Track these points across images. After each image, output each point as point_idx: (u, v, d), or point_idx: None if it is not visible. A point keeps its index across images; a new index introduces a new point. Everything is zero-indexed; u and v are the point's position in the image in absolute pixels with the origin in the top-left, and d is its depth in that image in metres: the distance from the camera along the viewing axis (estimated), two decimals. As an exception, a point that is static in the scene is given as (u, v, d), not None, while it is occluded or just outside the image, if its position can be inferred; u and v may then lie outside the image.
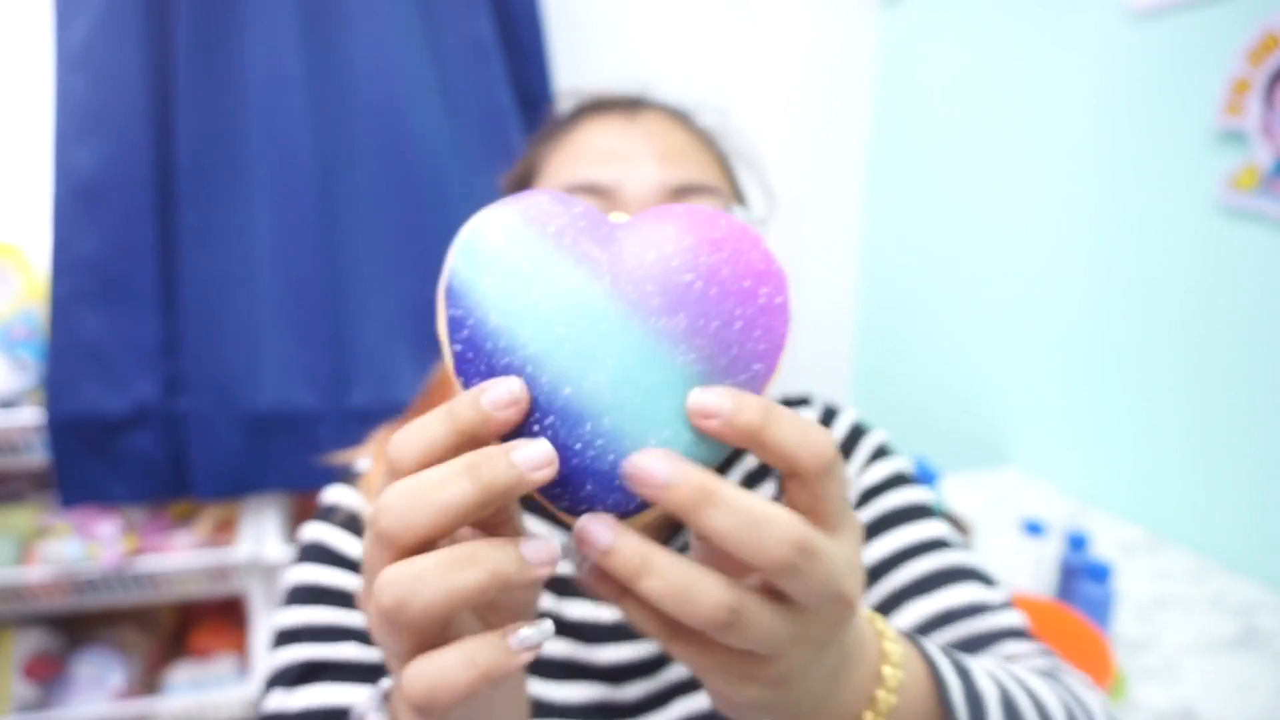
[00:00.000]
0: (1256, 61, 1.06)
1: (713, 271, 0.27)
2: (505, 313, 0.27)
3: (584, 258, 0.27)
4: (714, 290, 0.27)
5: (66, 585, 1.49)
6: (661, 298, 0.27)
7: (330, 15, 1.49)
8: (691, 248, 0.28)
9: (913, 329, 1.89)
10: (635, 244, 0.28)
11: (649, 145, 0.54)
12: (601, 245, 0.28)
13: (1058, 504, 1.40)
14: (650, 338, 0.26)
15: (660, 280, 0.27)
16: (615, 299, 0.27)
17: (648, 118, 0.57)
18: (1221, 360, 1.17)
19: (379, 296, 1.54)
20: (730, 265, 0.28)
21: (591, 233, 0.28)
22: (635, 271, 0.27)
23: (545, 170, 0.56)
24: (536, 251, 0.27)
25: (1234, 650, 0.99)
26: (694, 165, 0.55)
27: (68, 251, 1.40)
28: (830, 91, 1.96)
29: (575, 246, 0.27)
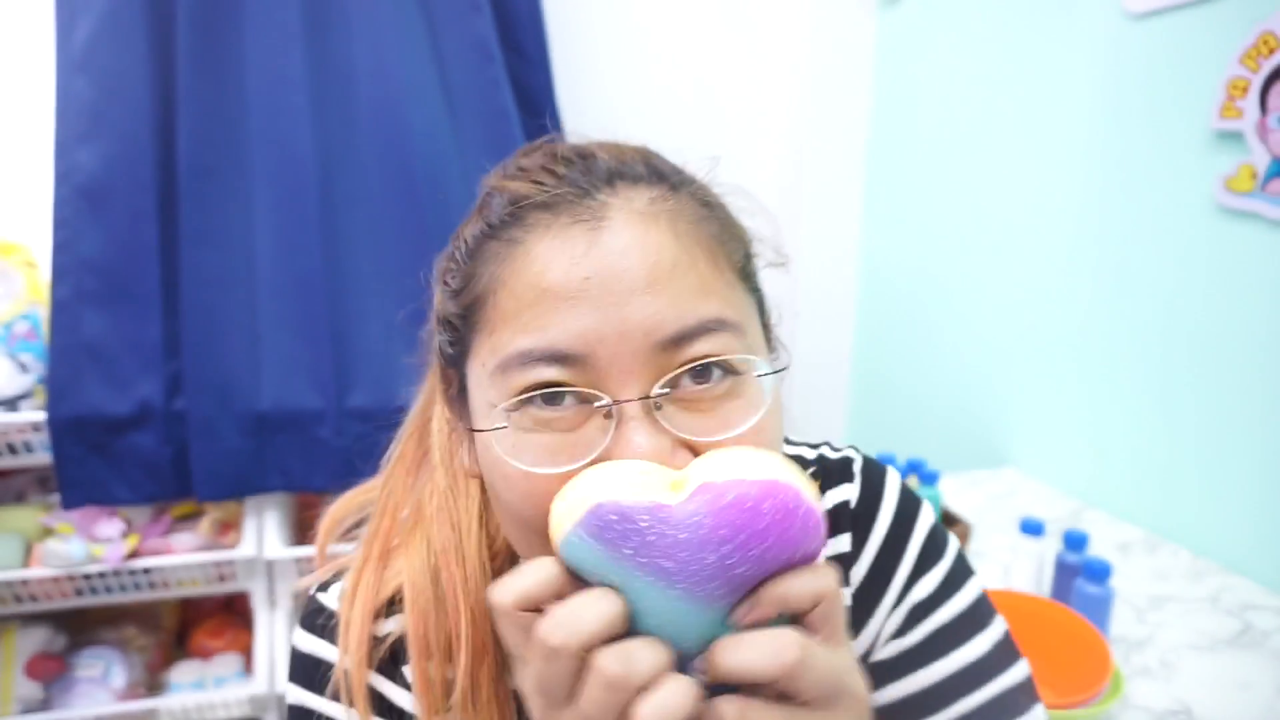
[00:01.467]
0: (1253, 63, 1.06)
1: (760, 558, 0.34)
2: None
3: (659, 571, 0.34)
4: (762, 570, 0.35)
5: (69, 585, 1.50)
6: (723, 588, 0.34)
7: (331, 17, 1.50)
8: (742, 544, 0.34)
9: (912, 329, 1.90)
10: (696, 542, 0.34)
11: (624, 278, 0.39)
12: (667, 551, 0.34)
13: (1056, 504, 1.41)
14: (715, 611, 0.35)
15: (720, 576, 0.34)
16: (687, 599, 0.34)
17: (616, 221, 0.41)
18: (1219, 360, 1.17)
19: (379, 296, 1.54)
20: (775, 549, 0.34)
21: (659, 544, 0.34)
22: (700, 575, 0.34)
23: (494, 308, 0.42)
24: (622, 572, 0.34)
25: (1231, 650, 0.99)
26: (688, 292, 0.40)
27: (70, 252, 1.41)
28: (829, 91, 1.96)
29: (650, 564, 0.34)
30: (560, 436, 0.40)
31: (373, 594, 0.52)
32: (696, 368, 0.40)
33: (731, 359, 0.41)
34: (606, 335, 0.39)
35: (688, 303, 0.40)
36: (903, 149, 1.89)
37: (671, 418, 0.39)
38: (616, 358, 0.39)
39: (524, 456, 0.40)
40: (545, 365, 0.40)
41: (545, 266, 0.40)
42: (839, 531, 0.55)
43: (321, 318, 1.51)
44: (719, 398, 0.41)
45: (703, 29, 1.88)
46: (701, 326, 0.40)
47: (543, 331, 0.40)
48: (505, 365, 0.40)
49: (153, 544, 1.54)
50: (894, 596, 0.55)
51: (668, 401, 0.40)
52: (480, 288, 0.43)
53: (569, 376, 0.39)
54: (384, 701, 0.52)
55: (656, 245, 0.41)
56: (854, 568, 0.55)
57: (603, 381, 0.39)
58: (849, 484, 0.57)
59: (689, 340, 0.40)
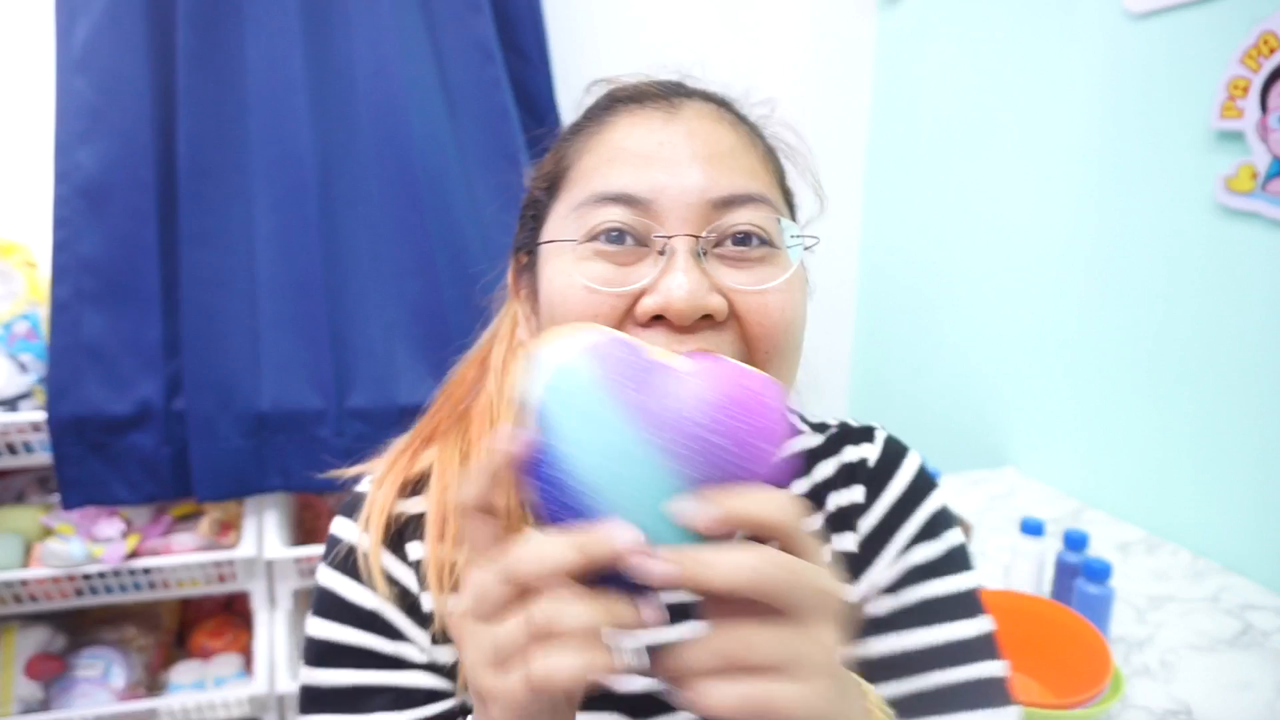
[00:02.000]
0: (1253, 62, 1.06)
1: (736, 436, 0.35)
2: (579, 447, 0.35)
3: (642, 411, 0.35)
4: (734, 453, 0.35)
5: (69, 585, 1.50)
6: (695, 455, 0.34)
7: (331, 17, 1.50)
8: (726, 415, 0.35)
9: (912, 328, 1.90)
10: (680, 401, 0.35)
11: (690, 147, 0.48)
12: (657, 399, 0.35)
13: (1056, 503, 1.41)
14: (678, 481, 0.34)
15: (697, 440, 0.34)
16: (660, 451, 0.34)
17: (688, 112, 0.50)
18: (1220, 360, 1.17)
19: (379, 296, 1.54)
20: (751, 435, 0.35)
21: (642, 381, 0.36)
22: (680, 429, 0.34)
23: (577, 171, 0.51)
24: (599, 398, 0.35)
25: (1231, 649, 0.99)
26: (740, 170, 0.49)
27: (70, 252, 1.41)
28: (829, 91, 1.96)
29: (639, 404, 0.35)
30: (616, 269, 0.46)
31: (401, 476, 0.57)
32: (739, 234, 0.47)
33: (769, 230, 0.48)
34: (669, 187, 0.47)
35: (740, 177, 0.48)
36: (902, 149, 1.89)
37: (713, 267, 0.46)
38: (675, 207, 0.46)
39: (586, 276, 0.46)
40: (615, 205, 0.47)
41: (626, 134, 0.50)
42: (854, 483, 0.59)
43: (321, 318, 1.51)
44: (756, 260, 0.48)
45: (703, 29, 1.88)
46: (748, 196, 0.48)
47: (618, 178, 0.48)
48: (583, 204, 0.48)
49: (153, 544, 1.54)
50: (895, 551, 0.58)
51: (713, 253, 0.47)
52: (568, 159, 0.52)
53: (632, 219, 0.47)
54: (391, 578, 0.55)
55: (719, 134, 0.50)
56: (863, 518, 0.58)
57: (661, 226, 0.46)
58: (870, 444, 0.62)
59: (737, 205, 0.47)
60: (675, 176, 0.47)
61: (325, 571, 0.56)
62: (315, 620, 0.55)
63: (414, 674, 0.53)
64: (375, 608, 0.54)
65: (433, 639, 0.53)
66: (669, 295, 0.44)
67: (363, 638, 0.53)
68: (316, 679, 0.53)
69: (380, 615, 0.54)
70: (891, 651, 0.56)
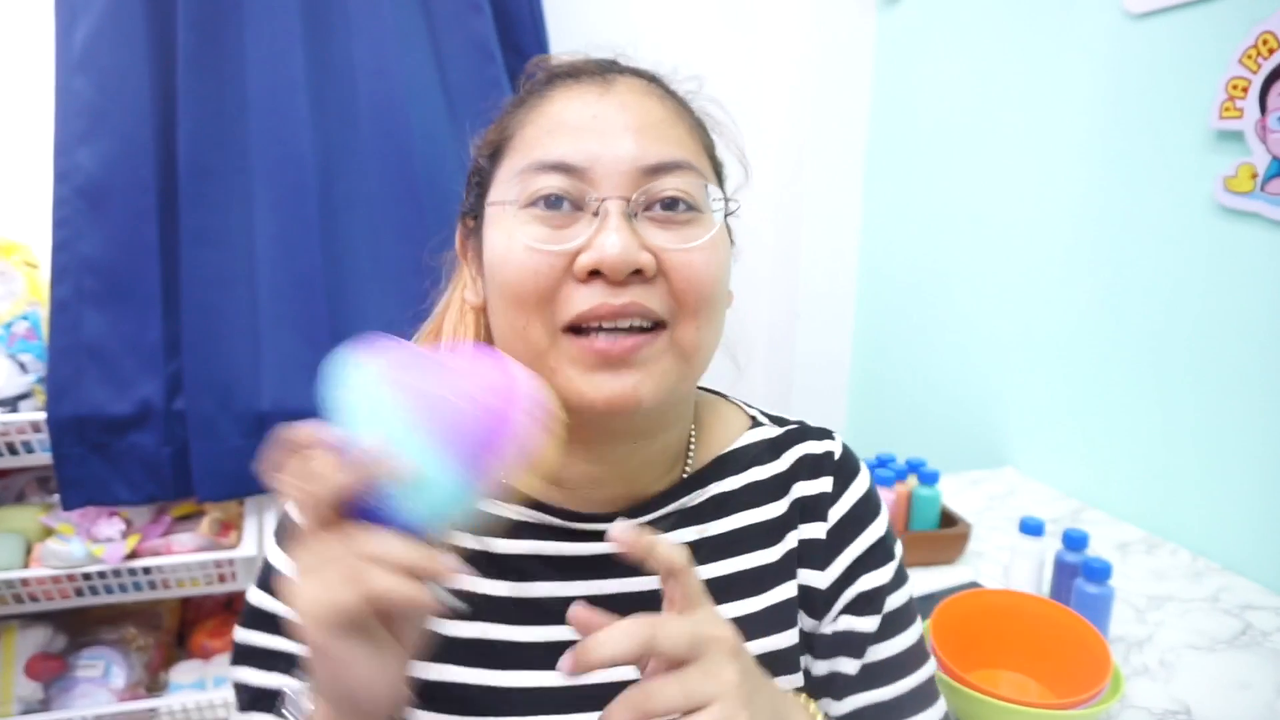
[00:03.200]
0: (1253, 63, 1.06)
1: (471, 397, 0.41)
2: (368, 427, 0.41)
3: (408, 390, 0.41)
4: (477, 412, 0.41)
5: (69, 585, 1.50)
6: (432, 414, 0.40)
7: (331, 17, 1.50)
8: (464, 381, 0.41)
9: (911, 328, 1.90)
10: (439, 384, 0.41)
11: (623, 119, 0.51)
12: (420, 380, 0.41)
13: (1055, 503, 1.41)
14: (440, 439, 0.39)
15: (449, 411, 0.40)
16: (422, 430, 0.39)
17: (621, 87, 0.54)
18: (1219, 360, 1.17)
19: (379, 296, 1.54)
20: (486, 399, 0.41)
21: (418, 372, 0.42)
22: (434, 405, 0.40)
23: (518, 140, 0.54)
24: (385, 390, 0.41)
25: (1231, 650, 0.99)
26: (668, 140, 0.52)
27: (70, 252, 1.41)
28: (829, 91, 1.96)
29: (407, 384, 0.41)
30: (554, 230, 0.50)
31: None
32: (667, 199, 0.51)
33: (695, 195, 0.52)
34: (603, 156, 0.50)
35: (668, 146, 0.52)
36: (902, 149, 1.89)
37: (643, 228, 0.50)
38: (609, 174, 0.50)
39: (527, 236, 0.50)
40: (553, 173, 0.50)
41: (563, 107, 0.53)
42: (823, 474, 0.62)
43: (321, 318, 1.51)
44: (682, 222, 0.52)
45: (703, 29, 1.88)
46: (675, 163, 0.51)
47: (555, 148, 0.51)
48: (524, 170, 0.51)
49: (153, 544, 1.54)
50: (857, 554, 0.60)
51: (643, 215, 0.51)
52: (510, 129, 0.55)
53: (569, 185, 0.50)
54: None
55: (649, 106, 0.53)
56: (833, 507, 0.61)
57: (596, 191, 0.50)
58: (833, 442, 0.65)
59: (665, 171, 0.51)
60: (608, 146, 0.50)
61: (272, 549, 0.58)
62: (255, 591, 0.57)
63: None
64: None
65: None
66: (603, 251, 0.48)
67: (275, 641, 0.55)
68: (240, 676, 0.56)
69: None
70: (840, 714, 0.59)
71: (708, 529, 0.59)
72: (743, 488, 0.61)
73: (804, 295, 2.09)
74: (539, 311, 0.50)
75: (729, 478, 0.61)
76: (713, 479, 0.60)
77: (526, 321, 0.50)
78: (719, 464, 0.61)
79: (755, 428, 0.64)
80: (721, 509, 0.60)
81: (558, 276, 0.49)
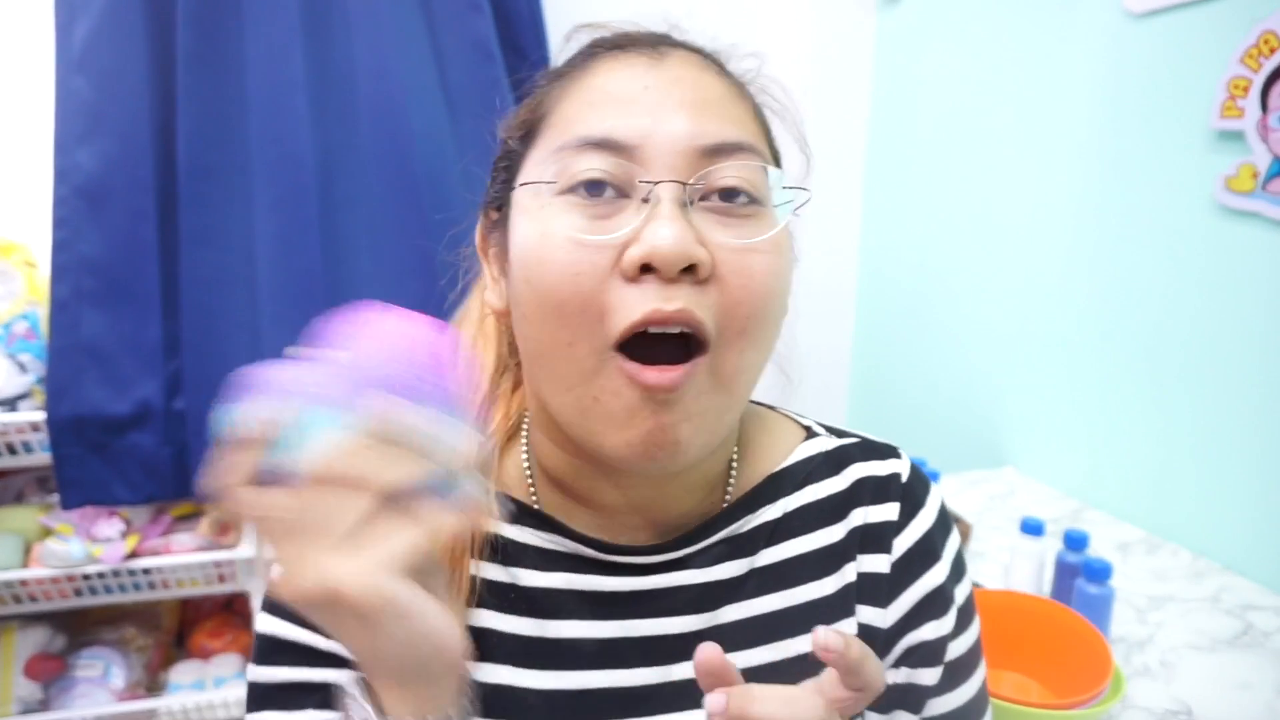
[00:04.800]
0: (1254, 62, 1.06)
1: (387, 376, 0.40)
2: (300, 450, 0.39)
3: (327, 395, 0.40)
4: (398, 372, 0.40)
5: (68, 585, 1.50)
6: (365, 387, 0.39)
7: (331, 16, 1.49)
8: (383, 350, 0.41)
9: (912, 328, 1.89)
10: (360, 366, 0.40)
11: (677, 93, 0.45)
12: (335, 379, 0.40)
13: (1056, 504, 1.41)
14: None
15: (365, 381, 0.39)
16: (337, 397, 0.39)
17: (675, 60, 0.48)
18: (1220, 360, 1.17)
19: (379, 296, 1.53)
20: (417, 359, 0.40)
21: (327, 373, 0.40)
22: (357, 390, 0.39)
23: (555, 117, 0.47)
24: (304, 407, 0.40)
25: (1231, 650, 0.99)
26: (728, 119, 0.46)
27: (69, 252, 1.40)
28: (829, 91, 1.96)
29: (320, 391, 0.40)
30: (594, 221, 0.43)
31: None
32: (726, 189, 0.45)
33: (757, 185, 0.46)
34: (656, 134, 0.44)
35: (729, 126, 0.46)
36: (902, 148, 1.89)
37: (699, 219, 0.43)
38: (661, 154, 0.43)
39: (567, 226, 0.43)
40: (597, 152, 0.44)
41: (609, 78, 0.47)
42: (888, 499, 0.55)
43: (321, 317, 1.51)
44: (743, 216, 0.45)
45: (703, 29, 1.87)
46: (737, 145, 0.45)
47: (600, 122, 0.44)
48: (562, 148, 0.44)
49: (152, 544, 1.54)
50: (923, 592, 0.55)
51: (698, 205, 0.44)
52: (545, 106, 0.49)
53: (615, 166, 0.43)
54: None
55: (707, 82, 0.47)
56: (898, 537, 0.54)
57: (646, 173, 0.43)
58: (899, 461, 0.58)
59: (726, 154, 0.45)
60: (661, 122, 0.44)
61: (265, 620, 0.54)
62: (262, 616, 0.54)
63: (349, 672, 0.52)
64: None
65: None
66: (654, 243, 0.41)
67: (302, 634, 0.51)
68: (255, 675, 0.51)
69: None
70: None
71: (757, 559, 0.53)
72: (797, 510, 0.54)
73: (804, 294, 2.07)
74: (584, 323, 0.42)
75: (782, 499, 0.54)
76: (764, 501, 0.54)
77: (572, 336, 0.43)
78: (770, 484, 0.55)
79: (810, 439, 0.58)
80: (774, 536, 0.53)
81: (601, 276, 0.42)
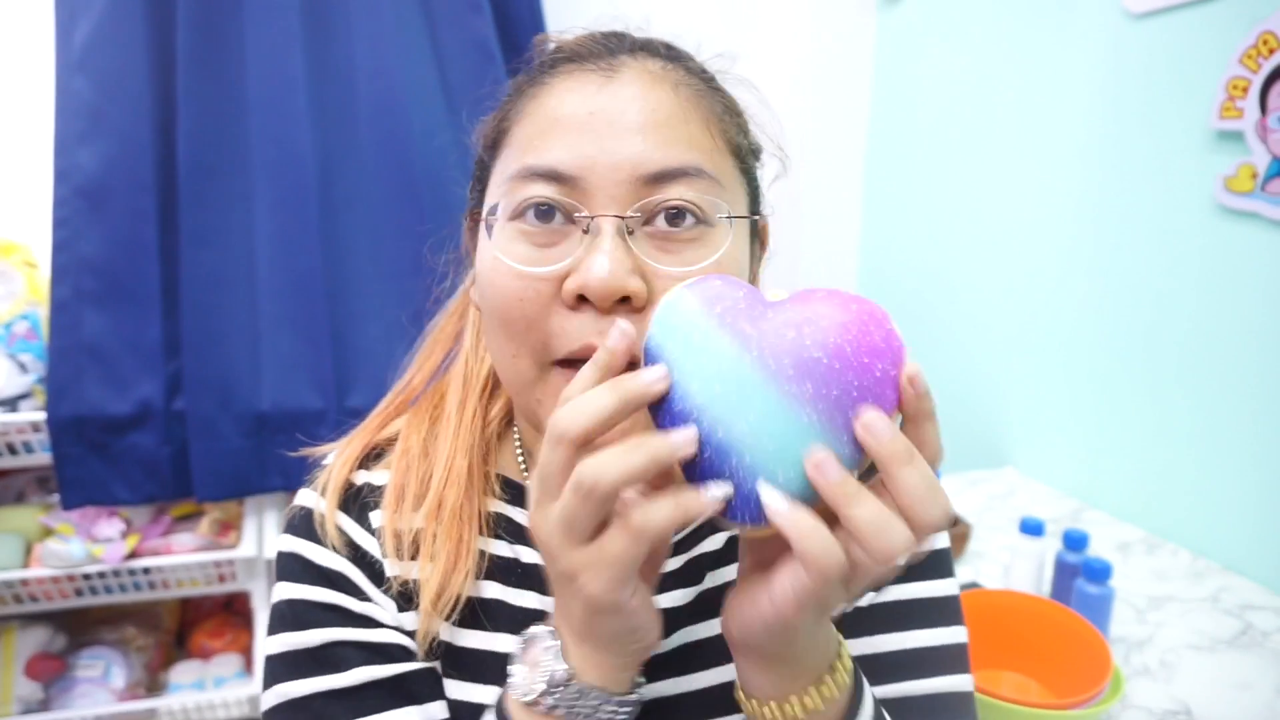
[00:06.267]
0: (1253, 63, 1.06)
1: (838, 350, 0.35)
2: (683, 372, 0.36)
3: (739, 334, 0.36)
4: (837, 365, 0.35)
5: (69, 585, 1.50)
6: (794, 369, 0.35)
7: (331, 17, 1.50)
8: (823, 328, 0.35)
9: (911, 329, 1.89)
10: (780, 323, 0.36)
11: (624, 119, 0.45)
12: (754, 323, 0.36)
13: (1056, 504, 1.41)
14: (784, 400, 0.34)
15: (794, 355, 0.35)
16: (758, 367, 0.35)
17: (627, 75, 0.48)
18: (1220, 360, 1.17)
19: (379, 296, 1.54)
20: (853, 345, 0.35)
21: (748, 313, 0.37)
22: (777, 347, 0.35)
23: (514, 135, 0.49)
24: (707, 328, 0.36)
25: (1231, 650, 0.99)
26: (676, 141, 0.46)
27: (69, 252, 1.41)
28: (829, 91, 1.96)
29: (734, 325, 0.36)
30: (540, 250, 0.45)
31: (362, 443, 0.58)
32: (671, 211, 0.45)
33: (702, 207, 0.46)
34: (599, 162, 0.45)
35: (674, 149, 0.46)
36: (902, 149, 1.89)
37: (640, 245, 0.45)
38: (604, 184, 0.45)
39: (512, 257, 0.46)
40: (543, 182, 0.45)
41: (560, 101, 0.47)
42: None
43: (321, 318, 1.51)
44: (686, 240, 0.46)
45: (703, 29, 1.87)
46: (681, 170, 0.45)
47: (548, 152, 0.46)
48: (514, 176, 0.46)
49: (153, 544, 1.54)
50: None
51: (641, 232, 0.45)
52: (509, 120, 0.51)
53: (560, 194, 0.45)
54: (353, 543, 0.54)
55: (656, 99, 0.47)
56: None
57: (589, 203, 0.45)
58: None
59: (669, 180, 0.45)
60: (606, 150, 0.45)
61: (286, 539, 0.55)
62: (282, 585, 0.54)
63: (386, 632, 0.52)
64: (340, 569, 0.53)
65: (398, 606, 0.52)
66: (587, 276, 0.43)
67: (332, 596, 0.52)
68: (287, 643, 0.51)
69: (346, 576, 0.52)
70: (861, 654, 0.53)
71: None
72: None
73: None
74: (527, 341, 0.46)
75: None
76: None
77: (516, 350, 0.46)
78: None
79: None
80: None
81: (544, 303, 0.45)
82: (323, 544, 0.53)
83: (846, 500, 0.34)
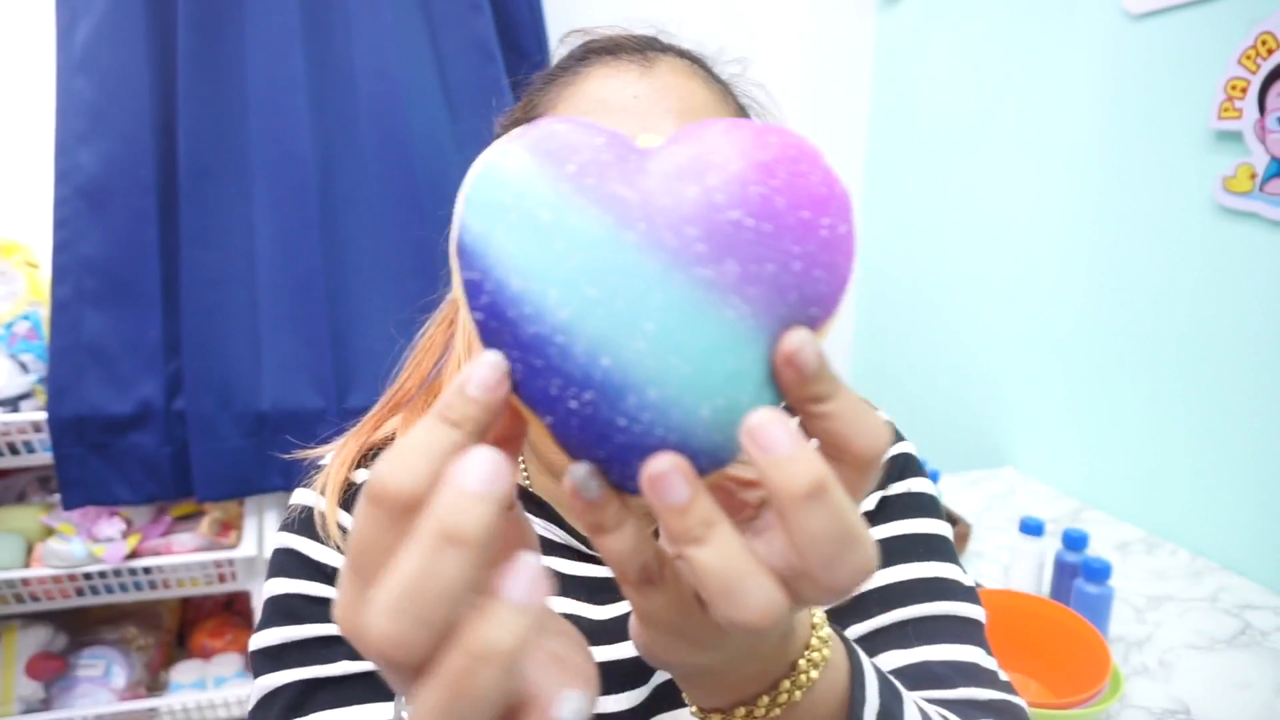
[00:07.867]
0: (1252, 63, 1.06)
1: (765, 204, 0.23)
2: (526, 274, 0.23)
3: (611, 200, 0.23)
4: (767, 227, 0.23)
5: (69, 584, 1.50)
6: (706, 243, 0.23)
7: (331, 16, 1.50)
8: (738, 176, 0.23)
9: (911, 328, 1.90)
10: (671, 176, 0.24)
11: (665, 102, 0.47)
12: (630, 182, 0.23)
13: (1055, 503, 1.41)
14: (696, 292, 0.22)
15: (703, 221, 0.23)
16: (651, 249, 0.23)
17: (663, 67, 0.50)
18: (1219, 360, 1.17)
19: (379, 296, 1.55)
20: (785, 194, 0.24)
21: (618, 166, 0.24)
22: (673, 213, 0.23)
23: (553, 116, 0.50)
24: (555, 197, 0.23)
25: (1230, 649, 1.00)
26: None
27: (70, 252, 1.41)
28: (829, 91, 1.96)
29: (600, 187, 0.23)
30: None
31: (359, 441, 0.57)
32: None
33: None
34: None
35: None
36: (902, 149, 1.89)
37: None
38: None
39: None
40: None
41: (601, 85, 0.48)
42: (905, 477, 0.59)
43: (321, 318, 1.51)
44: None
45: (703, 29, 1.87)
46: None
47: None
48: None
49: (153, 544, 1.54)
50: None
51: None
52: (540, 109, 0.51)
53: None
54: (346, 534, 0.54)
55: (693, 89, 0.49)
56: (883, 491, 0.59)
57: None
58: (905, 442, 0.62)
59: None
60: (649, 130, 0.46)
61: (283, 536, 0.55)
62: (275, 581, 0.53)
63: None
64: (338, 565, 0.52)
65: None
66: None
67: (326, 590, 0.51)
68: (277, 637, 0.50)
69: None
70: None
71: None
72: None
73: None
74: None
75: None
76: None
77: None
78: None
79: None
80: None
81: None
82: (322, 541, 0.54)
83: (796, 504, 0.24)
